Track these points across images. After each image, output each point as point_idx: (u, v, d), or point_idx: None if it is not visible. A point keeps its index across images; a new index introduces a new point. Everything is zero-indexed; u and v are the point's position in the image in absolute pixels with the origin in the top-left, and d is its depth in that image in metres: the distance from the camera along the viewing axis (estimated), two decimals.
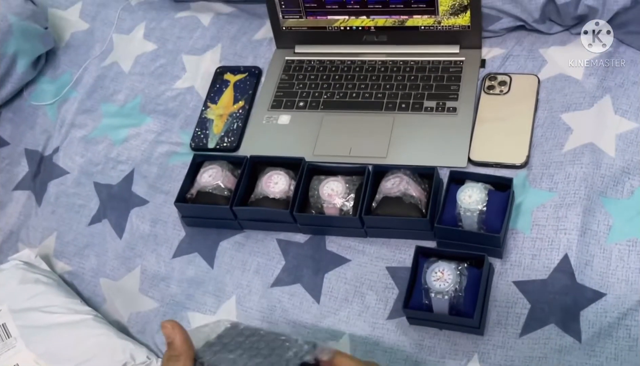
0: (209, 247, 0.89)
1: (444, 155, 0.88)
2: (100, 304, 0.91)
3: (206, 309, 0.85)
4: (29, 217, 1.02)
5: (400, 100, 0.95)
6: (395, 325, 0.77)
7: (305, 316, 0.81)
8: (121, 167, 1.01)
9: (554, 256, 0.77)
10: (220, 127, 1.00)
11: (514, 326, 0.73)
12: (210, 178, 0.90)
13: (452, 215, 0.80)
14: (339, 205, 0.84)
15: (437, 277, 0.73)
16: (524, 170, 0.84)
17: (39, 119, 1.12)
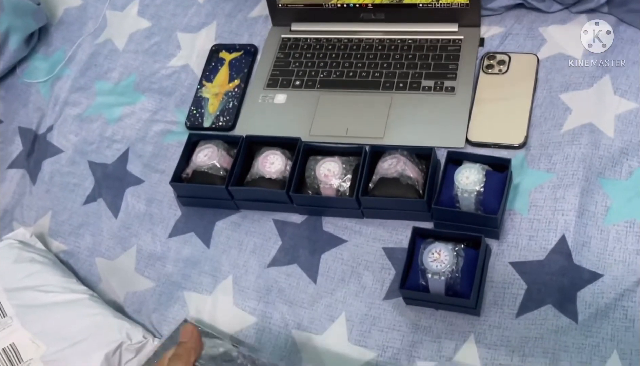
0: (205, 226, 0.89)
1: (442, 136, 0.88)
2: (96, 283, 0.91)
3: (202, 289, 0.85)
4: (24, 195, 1.02)
5: (397, 80, 0.94)
6: (391, 305, 0.77)
7: (302, 296, 0.81)
8: (116, 146, 1.01)
9: (551, 237, 0.76)
10: (215, 106, 0.99)
11: (511, 307, 0.74)
12: (206, 157, 0.89)
13: (449, 196, 0.79)
14: (335, 185, 0.84)
15: (434, 258, 0.73)
16: (522, 151, 0.84)
17: (32, 97, 1.11)
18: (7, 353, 0.79)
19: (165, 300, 0.85)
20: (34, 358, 0.79)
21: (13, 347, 0.80)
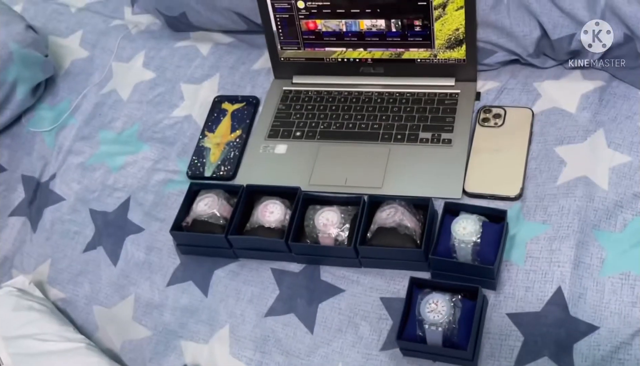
0: (204, 275, 0.90)
1: (439, 186, 0.89)
2: (93, 332, 0.91)
3: (199, 338, 0.85)
4: (24, 243, 1.03)
5: (396, 131, 0.96)
6: (388, 357, 0.77)
7: (298, 346, 0.81)
8: (117, 194, 1.02)
9: (548, 288, 0.77)
10: (217, 156, 1.01)
11: (508, 359, 0.74)
12: (206, 206, 0.90)
13: (446, 246, 0.80)
14: (334, 235, 0.85)
15: (431, 309, 0.74)
16: (518, 203, 0.85)
17: (36, 146, 1.13)
18: None
19: (161, 349, 0.85)
20: None
21: None
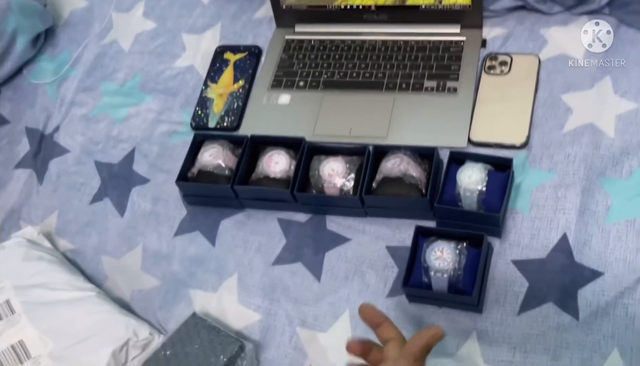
0: (210, 225, 0.90)
1: (444, 136, 0.88)
2: (102, 281, 0.92)
3: (208, 287, 0.86)
4: (31, 195, 1.03)
5: (400, 80, 0.95)
6: (394, 303, 0.78)
7: (306, 294, 0.81)
8: (122, 146, 1.01)
9: (553, 236, 0.77)
10: (220, 107, 1.00)
11: (512, 305, 0.74)
12: (211, 157, 0.90)
13: (452, 195, 0.80)
14: (339, 184, 0.85)
15: (437, 256, 0.74)
16: (524, 151, 0.84)
17: (39, 98, 1.12)
18: (16, 349, 0.80)
19: (170, 298, 0.86)
20: (42, 355, 0.79)
21: (21, 344, 0.80)
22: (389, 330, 0.62)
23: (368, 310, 0.64)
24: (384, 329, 0.62)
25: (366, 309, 0.64)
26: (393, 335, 0.62)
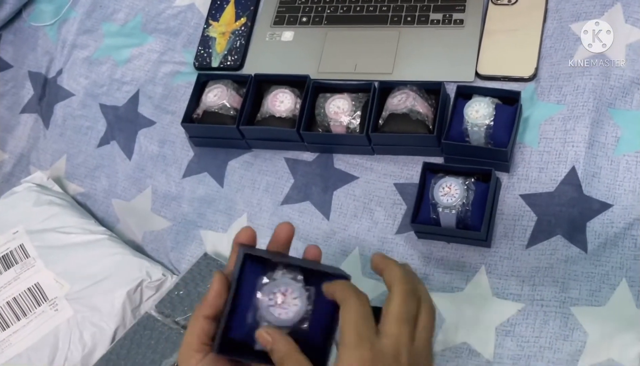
0: (218, 166, 0.87)
1: (451, 70, 0.84)
2: (114, 224, 0.90)
3: (218, 227, 0.83)
4: (38, 139, 1.00)
5: (405, 13, 0.89)
6: (403, 239, 0.76)
7: (315, 232, 0.79)
8: (126, 88, 0.97)
9: (561, 169, 0.74)
10: (223, 45, 0.95)
11: (521, 239, 0.72)
12: (216, 97, 0.86)
13: (459, 131, 0.76)
14: (345, 122, 0.81)
15: (445, 192, 0.71)
16: (532, 83, 0.80)
17: (40, 41, 1.07)
18: (33, 292, 0.79)
19: (182, 239, 0.84)
20: (58, 297, 0.78)
21: (38, 286, 0.79)
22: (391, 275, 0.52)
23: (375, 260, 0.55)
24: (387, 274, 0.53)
25: (375, 259, 0.55)
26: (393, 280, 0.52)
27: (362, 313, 0.48)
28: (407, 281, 0.50)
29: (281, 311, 0.49)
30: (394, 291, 0.50)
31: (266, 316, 0.49)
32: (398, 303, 0.49)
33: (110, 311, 0.77)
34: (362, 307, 0.48)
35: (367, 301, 0.49)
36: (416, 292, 0.51)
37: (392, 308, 0.49)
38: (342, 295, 0.49)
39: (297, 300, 0.50)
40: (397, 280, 0.50)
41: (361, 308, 0.48)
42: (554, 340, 0.66)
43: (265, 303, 0.49)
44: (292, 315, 0.49)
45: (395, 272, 0.51)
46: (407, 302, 0.49)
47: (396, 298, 0.49)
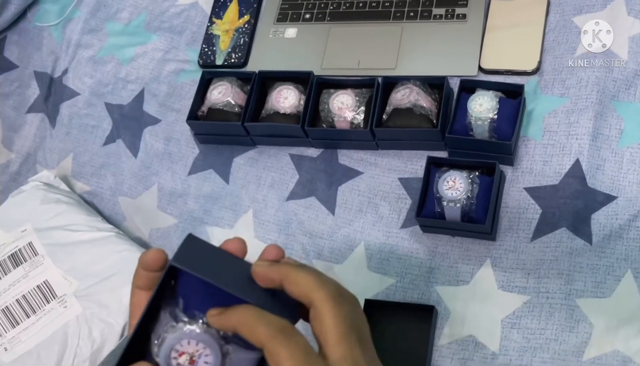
0: (223, 163, 0.87)
1: (454, 64, 0.83)
2: (120, 222, 0.90)
3: (224, 223, 0.83)
4: (44, 139, 1.00)
5: (408, 8, 0.89)
6: (408, 234, 0.76)
7: (321, 227, 0.79)
8: (131, 87, 0.97)
9: (565, 161, 0.74)
10: (227, 43, 0.95)
11: (526, 231, 0.72)
12: (220, 95, 0.86)
13: (463, 124, 0.76)
14: (349, 118, 0.81)
15: (449, 186, 0.71)
16: (535, 77, 0.80)
17: (45, 40, 1.07)
18: (42, 289, 0.79)
19: None
20: (67, 294, 0.78)
21: (47, 284, 0.79)
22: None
23: (261, 272, 0.41)
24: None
25: (260, 271, 0.41)
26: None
27: (300, 352, 0.37)
28: (326, 285, 0.39)
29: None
30: (319, 304, 0.39)
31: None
32: (332, 316, 0.38)
33: (118, 307, 0.77)
34: (296, 346, 0.37)
35: (297, 334, 0.38)
36: (340, 292, 0.40)
37: (327, 325, 0.38)
38: (264, 339, 0.37)
39: (211, 357, 0.38)
40: (315, 288, 0.39)
41: (295, 347, 0.37)
42: (560, 331, 0.66)
43: (169, 363, 0.38)
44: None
45: (303, 278, 0.39)
46: (340, 309, 0.39)
47: (326, 310, 0.38)
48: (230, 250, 0.42)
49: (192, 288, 0.39)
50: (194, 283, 0.39)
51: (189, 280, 0.39)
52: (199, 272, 0.38)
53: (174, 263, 0.38)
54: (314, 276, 0.39)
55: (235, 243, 0.42)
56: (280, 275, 0.40)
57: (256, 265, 0.40)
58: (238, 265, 0.40)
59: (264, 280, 0.40)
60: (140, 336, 0.40)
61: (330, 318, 0.38)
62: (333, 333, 0.38)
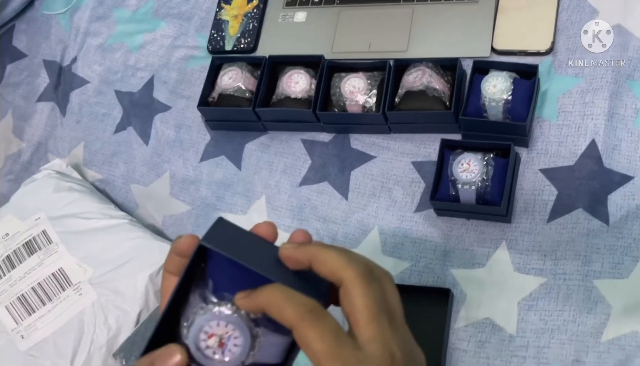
0: (235, 149, 0.86)
1: (467, 45, 0.82)
2: (133, 209, 0.89)
3: (237, 209, 0.83)
4: (55, 127, 0.99)
5: None
6: (423, 217, 0.75)
7: (334, 212, 0.79)
8: (140, 74, 0.96)
9: (581, 142, 0.73)
10: (236, 28, 0.94)
11: (542, 213, 0.71)
12: (231, 80, 0.85)
13: (476, 106, 0.75)
14: (361, 102, 0.80)
15: (464, 168, 0.70)
16: (549, 57, 0.79)
17: (53, 29, 1.06)
18: (57, 277, 0.79)
19: (202, 222, 0.84)
20: (82, 281, 0.78)
21: (62, 272, 0.79)
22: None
23: (290, 254, 0.40)
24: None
25: (288, 253, 0.40)
26: None
27: (329, 333, 0.36)
28: (355, 263, 0.38)
29: (219, 356, 0.37)
30: (349, 283, 0.37)
31: (204, 363, 0.38)
32: (362, 296, 0.37)
33: (133, 294, 0.77)
34: (325, 327, 0.36)
35: (326, 315, 0.37)
36: (371, 270, 0.39)
37: (357, 305, 0.37)
38: (293, 319, 0.36)
39: (240, 340, 0.37)
40: (344, 266, 0.38)
41: (324, 328, 0.36)
42: (578, 313, 0.66)
43: (198, 345, 0.37)
44: (235, 357, 0.37)
45: (332, 257, 0.38)
46: (370, 288, 0.37)
47: (356, 289, 0.37)
48: (261, 234, 0.41)
49: (221, 270, 0.38)
50: (224, 264, 0.38)
51: (219, 261, 0.38)
52: (229, 253, 0.37)
53: (204, 243, 0.38)
54: (344, 254, 0.38)
55: (265, 227, 0.41)
56: (308, 256, 0.39)
57: (284, 247, 0.39)
58: (268, 248, 0.40)
59: (292, 262, 0.39)
60: (170, 320, 0.39)
61: (360, 298, 0.37)
62: (363, 314, 0.36)
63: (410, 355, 0.37)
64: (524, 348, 0.66)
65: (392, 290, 0.39)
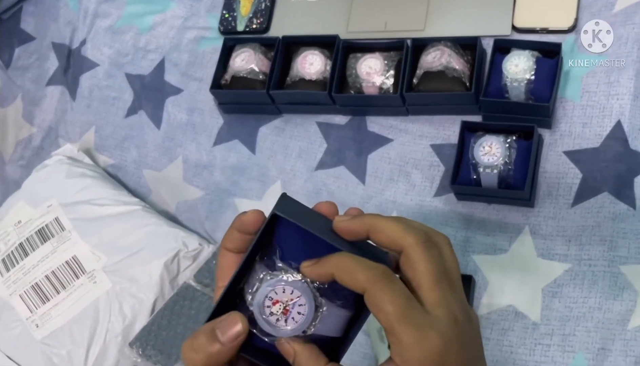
0: (249, 133, 0.84)
1: (487, 23, 0.79)
2: (146, 195, 0.88)
3: (252, 195, 0.81)
4: (65, 112, 0.97)
5: None
6: (442, 202, 0.73)
7: (351, 197, 0.76)
8: (151, 56, 0.94)
9: (606, 123, 0.70)
10: (247, 8, 0.91)
11: (566, 197, 0.69)
12: (244, 62, 0.82)
13: (498, 87, 0.72)
14: (378, 83, 0.77)
15: (486, 151, 0.68)
16: (572, 34, 0.76)
17: (61, 11, 1.03)
18: (70, 264, 0.78)
19: (216, 208, 0.82)
20: (96, 269, 0.77)
21: (75, 259, 0.78)
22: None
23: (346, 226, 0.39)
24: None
25: (343, 226, 0.39)
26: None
27: (402, 296, 0.36)
28: (414, 230, 0.38)
29: (283, 323, 0.37)
30: (410, 250, 0.37)
31: (267, 329, 0.38)
32: (425, 262, 0.37)
33: (148, 282, 0.76)
34: (397, 290, 0.36)
35: (397, 279, 0.37)
36: (430, 236, 0.38)
37: (420, 271, 0.37)
38: (365, 282, 0.36)
39: (305, 307, 0.37)
40: (403, 234, 0.37)
41: (396, 291, 0.36)
42: (604, 300, 0.63)
43: (262, 311, 0.37)
44: (299, 325, 0.37)
45: (391, 226, 0.38)
46: (431, 254, 0.37)
47: (418, 256, 0.37)
48: (323, 212, 0.41)
49: (289, 240, 0.39)
50: (292, 235, 0.38)
51: (287, 232, 0.39)
52: (300, 222, 0.38)
53: (278, 212, 0.37)
54: (402, 222, 0.38)
55: (328, 205, 0.42)
56: (366, 226, 0.38)
57: (339, 219, 0.39)
58: (329, 223, 0.40)
59: (349, 233, 0.39)
60: (233, 292, 0.40)
61: (423, 264, 0.37)
62: (427, 279, 0.36)
63: (468, 315, 0.37)
64: (549, 336, 0.64)
65: (449, 254, 0.39)
